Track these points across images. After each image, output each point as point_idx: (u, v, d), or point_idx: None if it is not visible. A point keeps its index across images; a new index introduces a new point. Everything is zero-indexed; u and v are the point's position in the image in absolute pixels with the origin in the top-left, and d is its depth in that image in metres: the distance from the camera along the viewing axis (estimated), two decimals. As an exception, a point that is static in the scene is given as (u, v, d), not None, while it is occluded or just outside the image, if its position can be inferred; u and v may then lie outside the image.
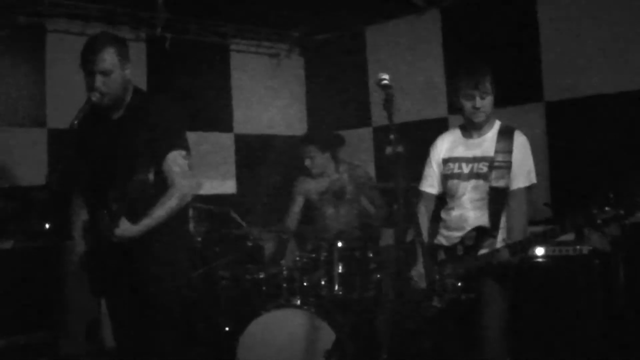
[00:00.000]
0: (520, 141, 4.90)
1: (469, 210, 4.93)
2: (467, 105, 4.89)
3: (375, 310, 6.33)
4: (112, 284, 4.54)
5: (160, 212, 4.35)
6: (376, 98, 8.19)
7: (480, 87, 4.82)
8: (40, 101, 7.32)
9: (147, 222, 4.31)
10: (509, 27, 7.22)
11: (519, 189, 4.85)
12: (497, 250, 4.65)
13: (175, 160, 4.41)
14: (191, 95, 8.09)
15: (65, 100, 6.90)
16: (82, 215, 4.71)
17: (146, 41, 8.02)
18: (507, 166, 4.82)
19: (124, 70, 4.45)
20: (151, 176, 4.08)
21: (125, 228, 4.22)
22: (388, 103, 4.11)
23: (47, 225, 6.45)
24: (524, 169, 4.86)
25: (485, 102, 4.85)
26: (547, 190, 6.76)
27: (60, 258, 6.53)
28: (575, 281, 5.85)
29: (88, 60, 4.36)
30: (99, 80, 4.33)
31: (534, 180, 4.90)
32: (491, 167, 4.85)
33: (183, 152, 4.46)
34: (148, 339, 4.51)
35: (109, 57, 4.36)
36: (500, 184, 4.82)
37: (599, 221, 4.28)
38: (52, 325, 6.49)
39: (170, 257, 4.58)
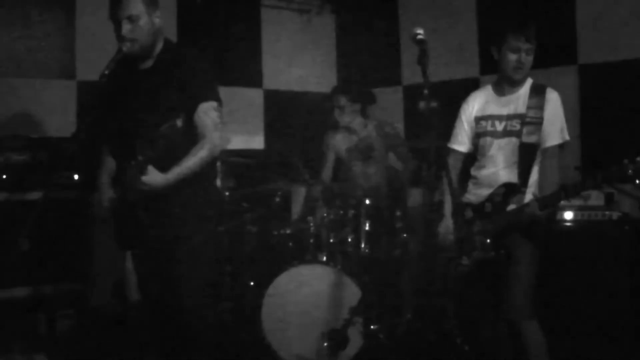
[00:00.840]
0: (552, 97, 4.84)
1: (501, 169, 4.90)
2: (512, 58, 4.80)
3: (400, 269, 6.34)
4: (138, 236, 4.52)
5: (191, 162, 4.29)
6: (407, 56, 8.18)
7: (530, 41, 4.76)
8: (70, 52, 7.31)
9: (177, 171, 4.25)
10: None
11: (552, 147, 4.81)
12: (527, 205, 4.62)
13: (207, 112, 4.36)
14: (221, 50, 8.09)
15: (95, 51, 6.89)
16: (109, 165, 4.72)
17: (177, -5, 7.99)
18: (539, 122, 4.78)
19: (151, 17, 4.39)
20: (179, 122, 3.96)
21: (154, 177, 4.16)
22: (422, 58, 4.08)
23: (75, 177, 6.47)
24: (556, 126, 4.81)
25: (529, 59, 4.80)
26: (578, 154, 6.70)
27: (88, 210, 6.56)
28: (604, 246, 5.82)
29: (115, 7, 4.32)
30: (125, 27, 4.28)
31: (567, 137, 4.85)
32: (523, 124, 4.81)
33: (214, 104, 4.42)
34: (174, 292, 4.53)
35: (134, 3, 4.30)
36: (531, 139, 4.78)
37: (629, 172, 4.23)
38: (80, 277, 6.53)
39: (197, 210, 4.54)
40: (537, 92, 4.88)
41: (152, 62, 4.50)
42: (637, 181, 4.26)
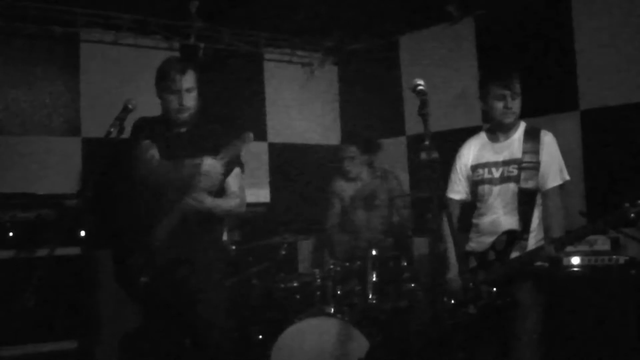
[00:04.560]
0: (547, 140, 4.92)
1: (501, 215, 4.93)
2: (498, 105, 4.91)
3: (408, 319, 6.31)
4: (155, 292, 4.78)
5: (224, 202, 4.90)
6: (410, 107, 8.21)
7: (511, 87, 4.87)
8: (75, 110, 7.37)
9: (216, 202, 4.81)
10: (543, 35, 7.17)
11: (553, 188, 4.87)
12: (541, 248, 4.62)
13: (236, 176, 4.97)
14: (225, 105, 8.12)
15: (99, 109, 6.97)
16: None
17: (179, 50, 8.03)
18: (535, 167, 4.86)
19: (196, 87, 4.88)
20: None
21: (203, 197, 4.67)
22: (423, 109, 4.11)
23: (81, 233, 6.48)
24: (554, 168, 4.88)
25: (515, 103, 4.89)
26: (582, 199, 6.71)
27: (94, 266, 6.57)
28: (611, 291, 5.79)
29: (173, 80, 4.75)
30: (186, 97, 4.77)
31: (566, 177, 4.93)
32: (520, 169, 4.85)
33: (239, 170, 4.97)
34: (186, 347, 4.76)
35: (191, 77, 4.81)
36: (530, 185, 4.84)
37: (632, 215, 4.25)
38: (85, 333, 6.50)
39: (209, 267, 4.94)
40: (531, 135, 4.95)
41: (186, 128, 4.94)
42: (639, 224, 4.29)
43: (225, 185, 4.94)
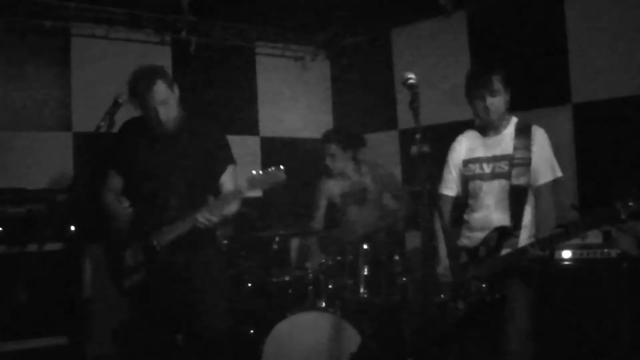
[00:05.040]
0: (538, 136, 4.90)
1: (492, 211, 4.92)
2: (479, 105, 4.92)
3: (401, 313, 6.31)
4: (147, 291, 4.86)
5: (228, 212, 4.90)
6: (402, 100, 8.17)
7: (489, 85, 4.83)
8: (66, 105, 7.35)
9: (222, 216, 4.82)
10: (536, 29, 7.16)
11: (545, 184, 4.85)
12: (526, 248, 4.61)
13: (230, 173, 5.07)
14: (217, 99, 8.12)
15: (91, 103, 6.95)
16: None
17: (171, 45, 8.03)
18: (527, 163, 4.83)
19: (174, 92, 4.85)
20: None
21: (214, 217, 4.73)
22: (414, 102, 4.11)
23: (72, 228, 6.46)
24: (546, 164, 4.86)
25: (495, 100, 4.87)
26: (574, 193, 6.70)
27: (84, 260, 6.55)
28: (603, 285, 5.80)
29: (146, 96, 4.72)
30: (162, 111, 4.74)
31: (559, 173, 4.90)
32: (511, 165, 4.84)
33: (232, 166, 5.10)
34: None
35: (161, 88, 4.73)
36: (521, 181, 4.82)
37: (623, 216, 4.24)
38: (77, 328, 6.48)
39: (208, 266, 5.05)
40: (523, 131, 4.94)
41: (175, 130, 4.92)
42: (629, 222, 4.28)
43: (220, 184, 4.99)
